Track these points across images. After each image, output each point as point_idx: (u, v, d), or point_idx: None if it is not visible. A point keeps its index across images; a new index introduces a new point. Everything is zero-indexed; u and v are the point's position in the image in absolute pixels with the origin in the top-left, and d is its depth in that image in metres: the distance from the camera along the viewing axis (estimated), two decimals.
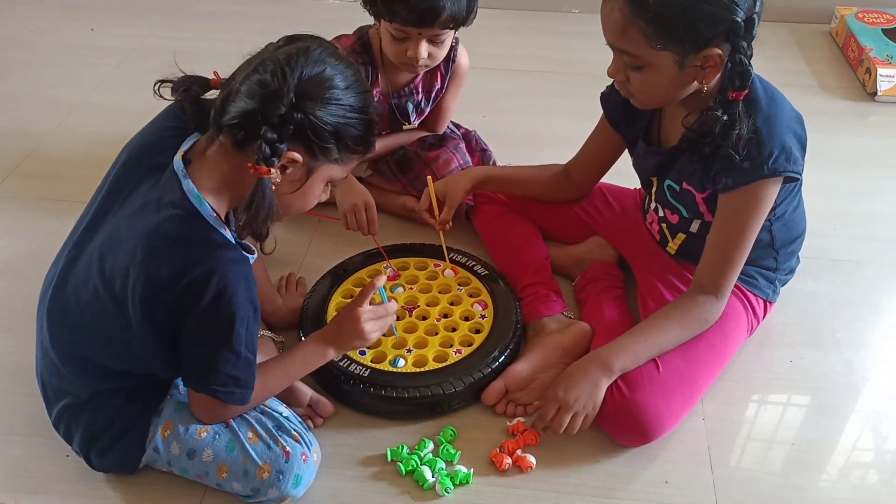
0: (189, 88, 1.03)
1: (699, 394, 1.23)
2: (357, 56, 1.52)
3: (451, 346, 1.29)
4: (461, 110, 1.80)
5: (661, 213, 1.34)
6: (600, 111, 1.38)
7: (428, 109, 1.65)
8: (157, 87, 1.04)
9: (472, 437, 1.20)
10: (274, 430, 1.08)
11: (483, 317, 1.32)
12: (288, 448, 1.06)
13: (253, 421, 1.08)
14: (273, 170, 0.94)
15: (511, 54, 2.35)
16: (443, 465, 1.15)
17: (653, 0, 1.03)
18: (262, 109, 0.93)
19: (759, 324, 1.34)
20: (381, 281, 1.14)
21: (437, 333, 1.31)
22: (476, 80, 2.08)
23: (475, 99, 2.01)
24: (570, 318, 1.36)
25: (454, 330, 1.32)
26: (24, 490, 1.13)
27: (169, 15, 2.54)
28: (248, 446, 1.05)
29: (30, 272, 1.26)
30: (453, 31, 1.44)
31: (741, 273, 1.28)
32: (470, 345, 1.29)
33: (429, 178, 1.42)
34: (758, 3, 1.05)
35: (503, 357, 1.27)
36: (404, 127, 1.64)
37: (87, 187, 1.12)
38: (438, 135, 1.66)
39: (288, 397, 1.18)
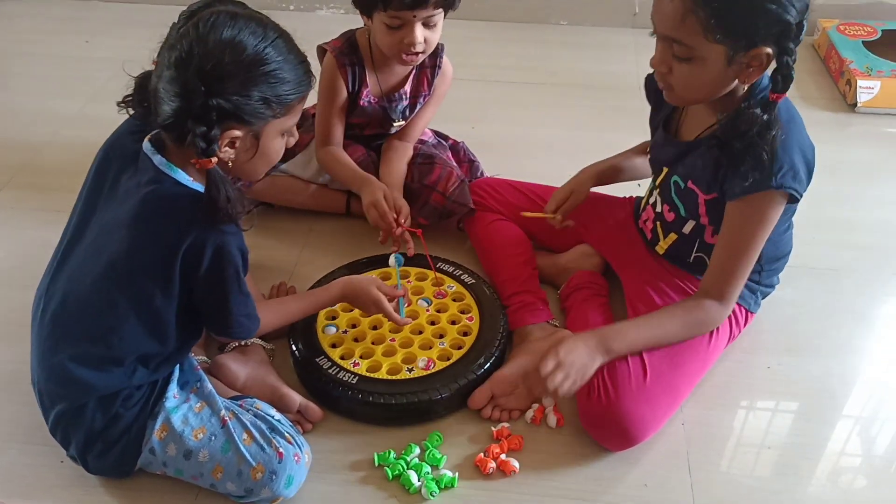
0: (138, 98, 1.08)
1: (681, 399, 1.26)
2: (345, 57, 1.56)
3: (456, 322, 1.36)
4: (450, 120, 1.84)
5: (658, 210, 1.37)
6: (587, 121, 1.40)
7: (412, 116, 1.68)
8: (120, 105, 1.10)
9: (458, 442, 1.23)
10: (268, 432, 1.11)
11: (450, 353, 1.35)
12: (281, 449, 1.09)
13: (248, 423, 1.11)
14: (217, 156, 0.98)
15: (499, 65, 2.39)
16: (429, 469, 1.18)
17: None
18: (183, 106, 0.96)
19: (739, 332, 1.37)
20: (394, 261, 1.42)
21: (434, 323, 1.36)
22: (464, 91, 2.12)
23: (463, 109, 2.05)
24: (556, 326, 1.39)
25: (441, 336, 1.35)
26: (18, 496, 1.15)
27: (162, 27, 2.55)
28: (242, 448, 1.08)
29: (24, 282, 1.28)
30: (443, 14, 1.49)
31: None
32: (448, 359, 1.31)
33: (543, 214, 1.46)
34: (808, 9, 1.08)
35: (489, 364, 1.30)
36: (395, 124, 1.67)
37: None
38: (427, 154, 1.67)
39: (278, 403, 1.21)
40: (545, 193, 1.55)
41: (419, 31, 1.46)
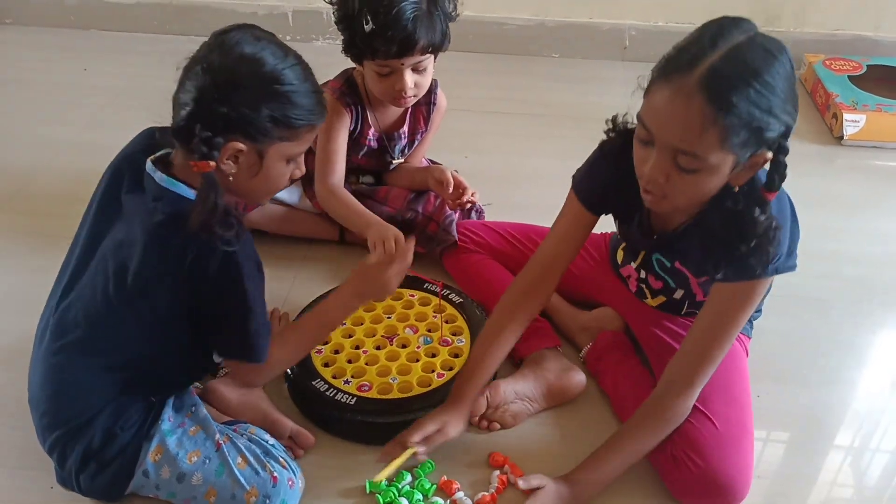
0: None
1: (752, 435, 1.20)
2: (346, 97, 1.58)
3: (433, 370, 1.34)
4: (443, 151, 1.86)
5: (642, 275, 1.35)
6: (577, 152, 1.31)
7: (410, 152, 1.71)
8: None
9: (450, 470, 1.23)
10: (262, 457, 1.11)
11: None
12: (276, 473, 1.09)
13: (242, 447, 1.11)
14: (217, 163, 0.99)
15: (492, 97, 2.42)
16: (420, 497, 1.18)
17: (743, 102, 0.96)
18: (194, 110, 0.98)
19: (747, 357, 1.35)
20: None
21: (418, 360, 1.35)
22: (457, 122, 2.14)
23: (456, 140, 2.07)
24: (562, 352, 1.39)
25: (406, 374, 1.34)
26: None
27: (159, 56, 2.59)
28: (236, 471, 1.08)
29: (17, 307, 1.28)
30: (433, 57, 1.50)
31: None
32: (451, 368, 1.33)
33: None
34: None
35: None
36: (393, 162, 1.69)
37: (76, 224, 1.16)
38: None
39: (269, 429, 1.21)
40: (524, 235, 1.54)
41: (409, 77, 1.48)
